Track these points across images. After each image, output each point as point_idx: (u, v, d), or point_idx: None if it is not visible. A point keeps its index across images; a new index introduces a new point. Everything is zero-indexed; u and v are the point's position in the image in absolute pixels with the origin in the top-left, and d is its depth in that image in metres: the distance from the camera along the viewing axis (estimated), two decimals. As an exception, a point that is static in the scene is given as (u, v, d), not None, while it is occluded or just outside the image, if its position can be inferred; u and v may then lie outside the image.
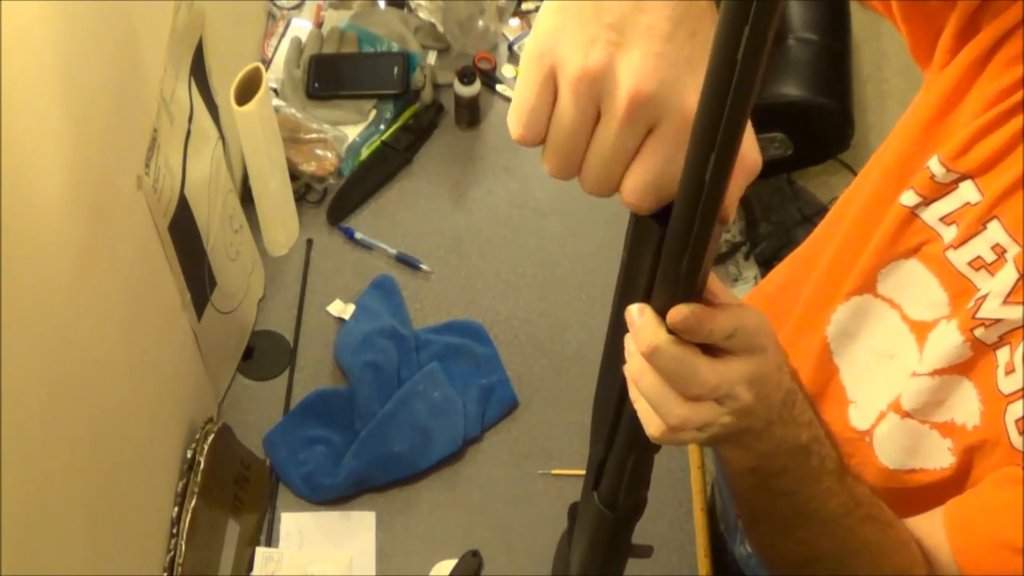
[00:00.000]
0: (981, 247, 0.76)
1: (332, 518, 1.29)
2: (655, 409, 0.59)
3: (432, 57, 1.65)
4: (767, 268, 2.24)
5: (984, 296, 0.75)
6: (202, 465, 1.18)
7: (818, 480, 0.69)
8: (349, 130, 1.56)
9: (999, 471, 0.76)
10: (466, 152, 1.59)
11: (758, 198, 2.35)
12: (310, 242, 1.49)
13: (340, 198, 1.52)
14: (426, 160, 1.57)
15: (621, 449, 0.66)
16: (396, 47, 1.62)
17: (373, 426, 1.30)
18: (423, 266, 1.48)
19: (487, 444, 1.35)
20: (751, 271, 2.30)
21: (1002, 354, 0.75)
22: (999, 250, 0.75)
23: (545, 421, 1.37)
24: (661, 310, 0.56)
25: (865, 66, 2.61)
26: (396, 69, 1.59)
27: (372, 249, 1.49)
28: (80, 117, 0.85)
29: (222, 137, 1.26)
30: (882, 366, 0.87)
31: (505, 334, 1.43)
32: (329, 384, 1.38)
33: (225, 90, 1.20)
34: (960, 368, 0.78)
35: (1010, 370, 0.74)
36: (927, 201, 0.80)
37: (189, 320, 1.19)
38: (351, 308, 1.42)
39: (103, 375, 0.94)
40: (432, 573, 1.25)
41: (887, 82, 2.63)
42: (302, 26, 1.65)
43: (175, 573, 1.13)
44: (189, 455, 1.19)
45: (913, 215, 0.81)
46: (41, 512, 0.82)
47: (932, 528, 0.77)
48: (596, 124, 0.52)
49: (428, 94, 1.59)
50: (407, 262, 1.48)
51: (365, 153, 1.56)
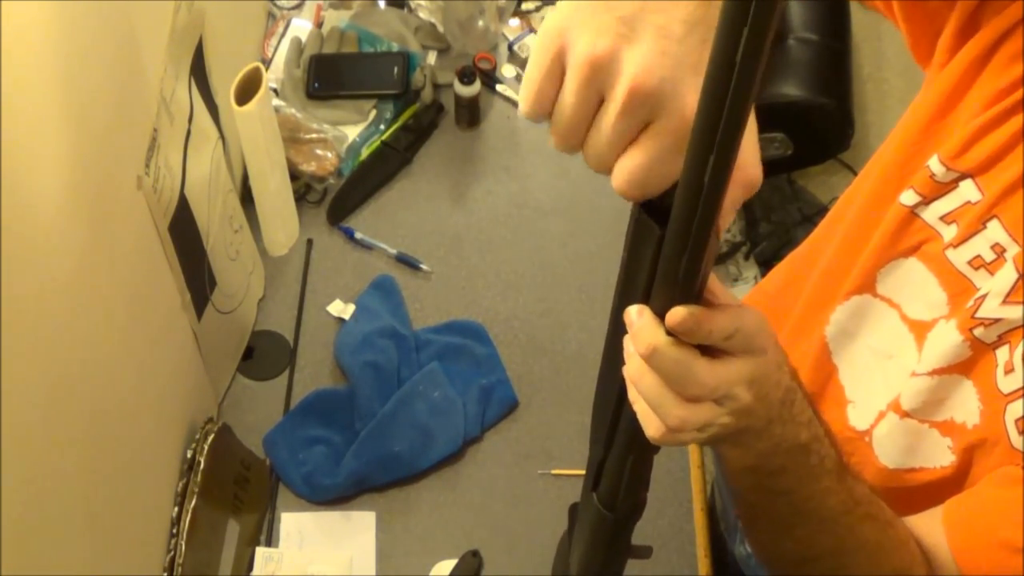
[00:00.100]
0: (981, 246, 0.76)
1: (332, 518, 1.29)
2: (654, 410, 0.59)
3: (432, 57, 1.65)
4: (767, 268, 2.23)
5: (984, 295, 0.75)
6: (202, 465, 1.18)
7: (817, 479, 0.69)
8: (349, 130, 1.56)
9: (998, 470, 0.76)
10: (466, 152, 1.59)
11: (758, 198, 2.34)
12: (310, 242, 1.49)
13: (340, 198, 1.52)
14: (426, 160, 1.57)
15: (620, 450, 0.66)
16: (396, 47, 1.62)
17: (373, 426, 1.30)
18: (423, 266, 1.48)
19: (487, 444, 1.35)
20: (751, 271, 2.30)
21: (1001, 353, 0.75)
22: (999, 249, 0.75)
23: (545, 421, 1.37)
24: (660, 311, 0.56)
25: (865, 66, 2.60)
26: (396, 69, 1.59)
27: (372, 249, 1.49)
28: (80, 117, 0.85)
29: (222, 137, 1.26)
30: (881, 366, 0.87)
31: (505, 334, 1.43)
32: (329, 384, 1.38)
33: (225, 90, 1.20)
34: (959, 368, 0.78)
35: (1009, 369, 0.74)
36: (927, 200, 0.80)
37: (189, 320, 1.19)
38: (351, 308, 1.42)
39: (103, 375, 0.94)
40: (432, 573, 1.25)
41: (887, 82, 2.63)
42: (302, 26, 1.65)
43: (175, 573, 1.13)
44: (189, 455, 1.19)
45: (913, 214, 0.81)
46: (41, 512, 0.82)
47: (931, 527, 0.77)
48: (599, 108, 0.54)
49: (428, 94, 1.59)
50: (407, 262, 1.48)
51: (365, 153, 1.56)
